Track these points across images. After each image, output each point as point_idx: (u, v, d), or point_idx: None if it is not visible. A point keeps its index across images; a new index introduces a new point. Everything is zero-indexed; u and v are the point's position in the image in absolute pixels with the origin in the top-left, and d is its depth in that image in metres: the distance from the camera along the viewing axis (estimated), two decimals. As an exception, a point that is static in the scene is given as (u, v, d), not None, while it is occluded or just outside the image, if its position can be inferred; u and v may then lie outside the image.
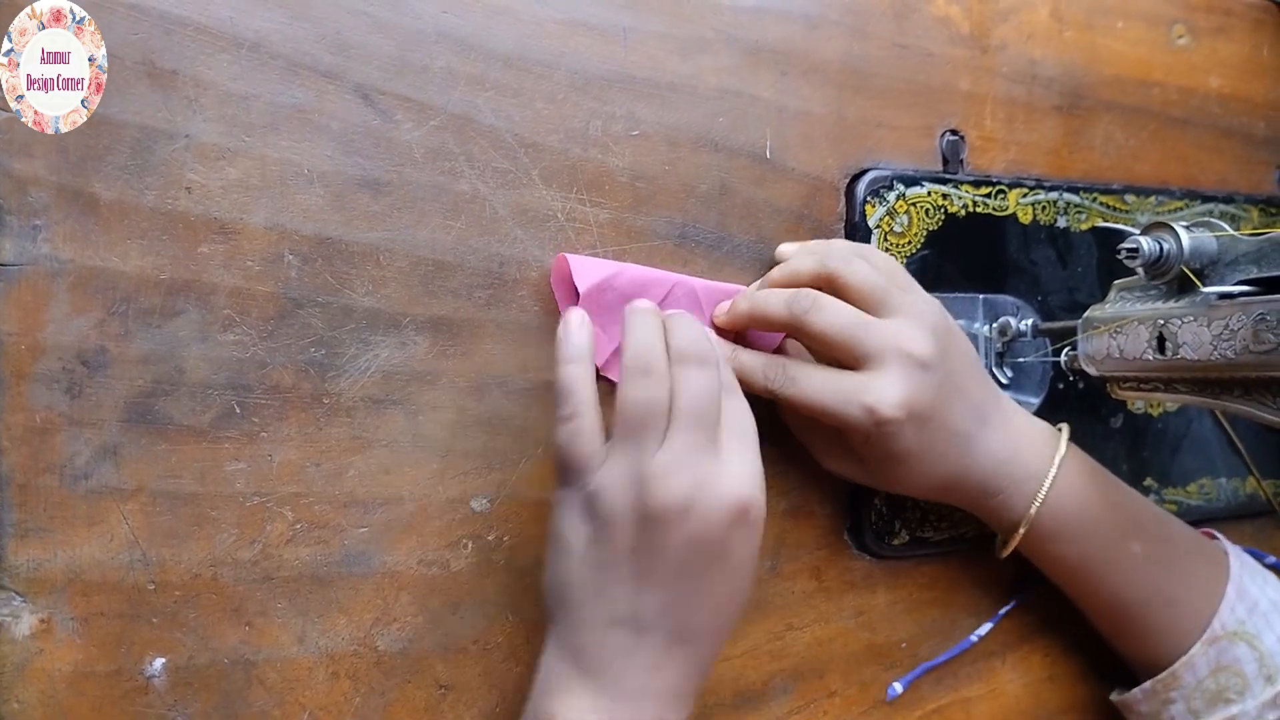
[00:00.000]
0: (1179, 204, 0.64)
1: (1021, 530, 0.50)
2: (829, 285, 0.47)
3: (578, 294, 0.46)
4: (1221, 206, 0.65)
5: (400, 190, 0.45)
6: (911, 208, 0.55)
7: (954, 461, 0.49)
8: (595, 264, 0.48)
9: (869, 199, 0.53)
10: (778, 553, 0.52)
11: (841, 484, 0.54)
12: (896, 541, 0.54)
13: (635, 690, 0.41)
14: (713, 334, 0.49)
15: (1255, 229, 0.65)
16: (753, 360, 0.48)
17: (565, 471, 0.42)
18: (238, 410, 0.42)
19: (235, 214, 0.42)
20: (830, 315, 0.46)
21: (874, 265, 0.48)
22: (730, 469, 0.41)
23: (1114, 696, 0.57)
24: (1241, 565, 0.54)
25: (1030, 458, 0.50)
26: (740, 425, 0.43)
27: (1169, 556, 0.53)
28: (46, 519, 0.39)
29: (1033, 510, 0.50)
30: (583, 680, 0.41)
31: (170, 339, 0.41)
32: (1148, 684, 0.54)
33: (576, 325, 0.43)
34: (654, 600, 0.41)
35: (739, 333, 0.50)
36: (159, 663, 0.41)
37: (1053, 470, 0.50)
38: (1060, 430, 0.52)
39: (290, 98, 0.43)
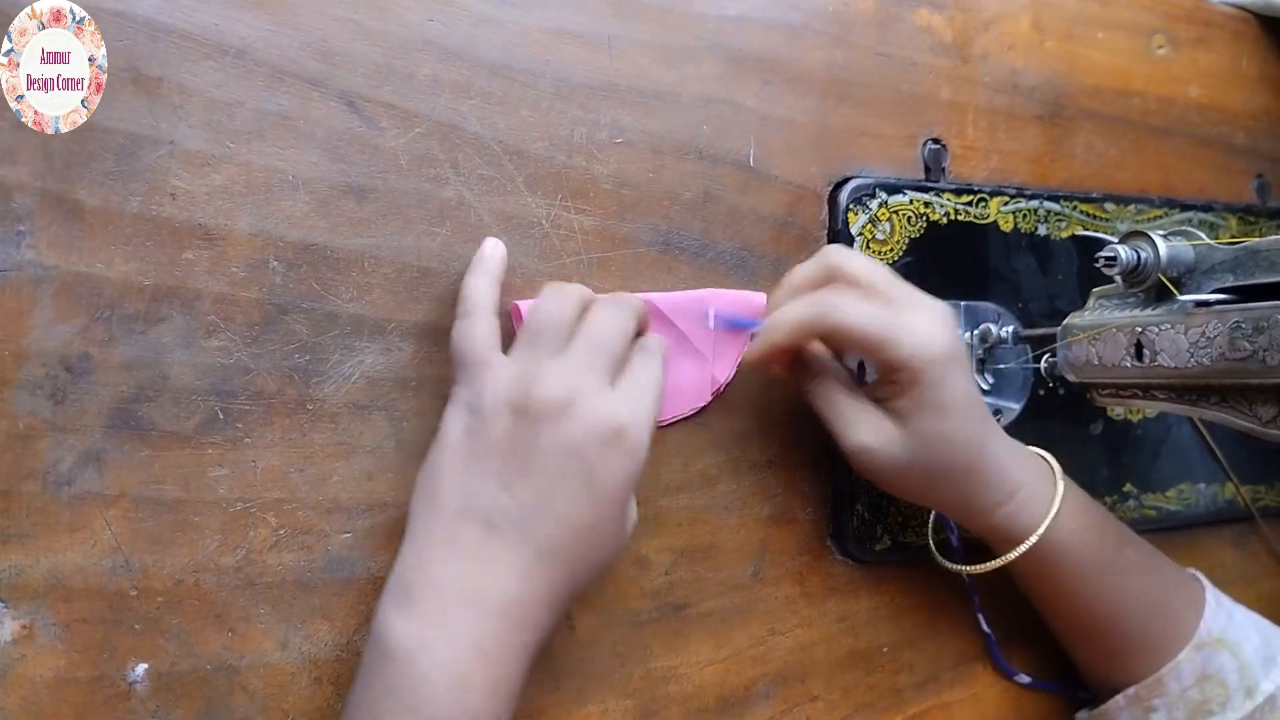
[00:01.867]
0: (1158, 212, 0.64)
1: (1051, 516, 0.49)
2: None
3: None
4: (1200, 215, 0.66)
5: (385, 197, 0.45)
6: (894, 216, 0.55)
7: (983, 433, 0.48)
8: None
9: (851, 207, 0.54)
10: (761, 558, 0.52)
11: (825, 489, 0.54)
12: (879, 547, 0.54)
13: (467, 592, 0.39)
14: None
15: (1234, 237, 0.65)
16: (794, 305, 0.47)
17: (457, 367, 0.43)
18: (221, 416, 0.42)
19: (220, 220, 0.42)
20: (853, 305, 0.46)
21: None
22: (617, 396, 0.42)
23: (1083, 714, 0.57)
24: (1208, 580, 0.55)
25: (1032, 468, 0.51)
26: (644, 378, 0.44)
27: (1157, 567, 0.54)
28: (29, 525, 0.39)
29: (1055, 506, 0.49)
30: (421, 577, 0.40)
31: (154, 345, 0.41)
32: (1130, 690, 0.53)
33: (492, 249, 0.46)
34: (512, 500, 0.40)
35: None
36: (141, 669, 0.41)
37: (1059, 481, 0.50)
38: (1037, 451, 0.53)
39: (275, 104, 0.43)
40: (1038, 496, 0.50)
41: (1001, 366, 0.57)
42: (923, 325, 0.46)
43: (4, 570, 0.39)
